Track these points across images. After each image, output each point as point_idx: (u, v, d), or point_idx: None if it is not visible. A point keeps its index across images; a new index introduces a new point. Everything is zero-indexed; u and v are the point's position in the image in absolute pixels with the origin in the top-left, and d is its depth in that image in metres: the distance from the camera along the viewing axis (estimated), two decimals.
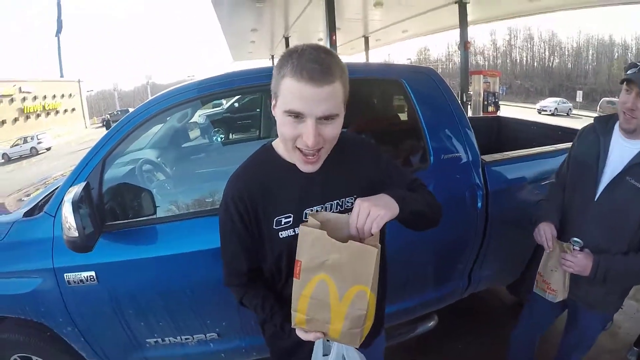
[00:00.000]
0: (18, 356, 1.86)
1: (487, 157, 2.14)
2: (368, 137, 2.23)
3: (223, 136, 4.52)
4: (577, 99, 32.06)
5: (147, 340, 1.83)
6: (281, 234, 1.01)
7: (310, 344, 1.04)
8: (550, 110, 28.48)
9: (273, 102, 0.93)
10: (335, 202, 1.03)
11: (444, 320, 2.35)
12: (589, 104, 32.88)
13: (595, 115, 1.79)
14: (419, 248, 1.97)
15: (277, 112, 0.91)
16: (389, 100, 2.43)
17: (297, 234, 0.90)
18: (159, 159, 2.59)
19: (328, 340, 1.04)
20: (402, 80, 2.00)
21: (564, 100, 30.84)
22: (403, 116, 2.28)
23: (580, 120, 22.42)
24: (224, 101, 6.46)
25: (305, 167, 0.96)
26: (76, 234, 1.45)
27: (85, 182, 1.58)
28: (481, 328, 2.73)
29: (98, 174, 1.71)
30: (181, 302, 1.74)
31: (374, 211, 0.87)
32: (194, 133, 3.29)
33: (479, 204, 2.00)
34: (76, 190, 1.50)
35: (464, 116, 2.07)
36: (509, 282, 2.59)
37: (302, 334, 0.95)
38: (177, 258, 1.68)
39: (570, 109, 29.05)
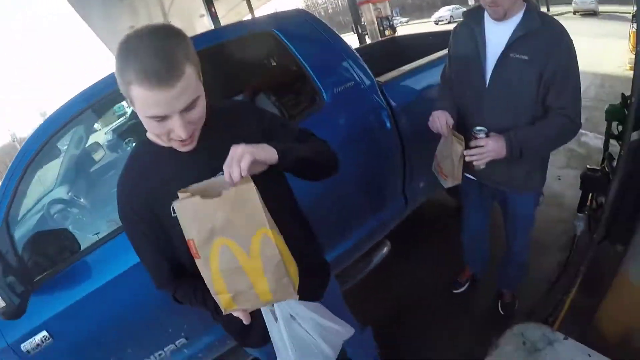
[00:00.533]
0: None
1: (382, 78, 2.17)
2: (261, 97, 2.22)
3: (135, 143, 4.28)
4: (470, 2, 33.00)
5: None
6: None
7: (260, 317, 1.03)
8: (446, 19, 29.27)
9: (129, 101, 0.84)
10: None
11: (397, 244, 2.41)
12: None
13: None
14: (345, 183, 1.99)
15: (139, 114, 0.85)
16: (268, 53, 2.38)
17: None
18: (69, 194, 2.44)
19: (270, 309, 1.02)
20: (273, 30, 1.96)
21: (458, 6, 31.55)
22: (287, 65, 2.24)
23: None
24: (127, 109, 6.10)
25: (184, 149, 0.94)
26: (2, 304, 1.38)
27: None
28: (435, 238, 2.85)
29: (6, 236, 1.58)
30: (137, 323, 1.68)
31: (242, 150, 0.86)
32: (99, 154, 3.09)
33: (387, 124, 2.04)
34: None
35: (346, 46, 2.07)
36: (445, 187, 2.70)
37: (236, 313, 0.94)
38: (114, 282, 1.62)
39: None
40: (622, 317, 1.61)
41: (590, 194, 2.17)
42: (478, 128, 1.50)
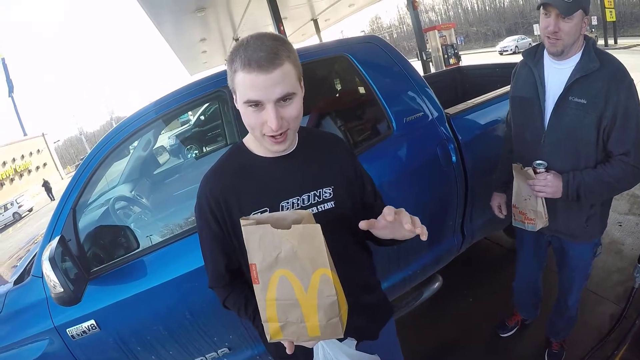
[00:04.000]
0: None
1: (451, 110, 2.12)
2: (327, 120, 2.23)
3: (197, 151, 4.49)
4: (535, 33, 32.17)
5: None
6: None
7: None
8: (511, 49, 28.61)
9: (234, 97, 0.94)
10: (312, 192, 1.03)
11: (449, 279, 2.36)
12: None
13: None
14: None
15: (239, 105, 0.92)
16: (339, 78, 2.40)
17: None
18: (132, 193, 2.55)
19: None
20: (346, 55, 1.97)
21: (523, 36, 30.87)
22: (358, 90, 2.24)
23: None
24: (191, 117, 6.41)
25: (276, 147, 0.96)
26: (61, 289, 1.44)
27: (59, 236, 1.56)
28: (487, 277, 2.75)
29: (71, 225, 1.68)
30: (184, 327, 1.72)
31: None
32: (163, 157, 3.25)
33: (454, 158, 1.98)
34: (52, 246, 1.48)
35: (417, 75, 2.05)
36: (504, 226, 2.59)
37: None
38: (169, 285, 1.66)
39: (530, 43, 29.13)
40: None
41: None
42: (538, 162, 1.48)
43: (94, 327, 1.64)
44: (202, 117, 5.54)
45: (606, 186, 1.42)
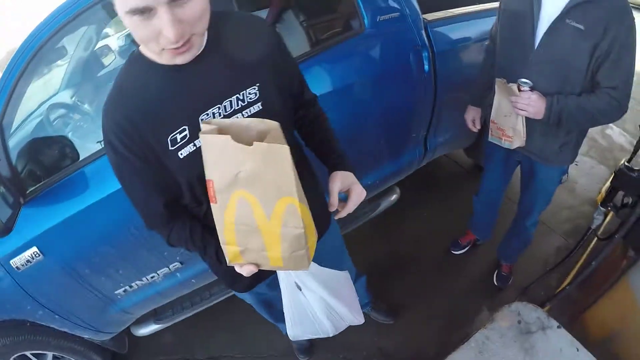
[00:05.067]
0: (15, 357, 1.79)
1: (429, 16, 1.93)
2: (289, 14, 1.98)
3: None
4: None
5: (116, 292, 1.74)
6: (181, 154, 0.83)
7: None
8: None
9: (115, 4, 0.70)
10: (234, 97, 0.85)
11: (406, 192, 2.38)
12: None
13: None
14: (368, 121, 1.85)
15: (121, 15, 0.69)
16: None
17: (200, 147, 0.74)
18: (73, 99, 2.27)
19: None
20: None
21: None
22: None
23: None
24: None
25: (179, 59, 0.77)
26: None
27: None
28: (443, 194, 2.81)
29: None
30: (131, 243, 1.61)
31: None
32: (108, 58, 2.89)
33: (426, 67, 1.84)
34: None
35: None
36: (465, 146, 2.57)
37: (238, 269, 0.84)
38: (112, 197, 1.49)
39: None
40: (611, 321, 1.68)
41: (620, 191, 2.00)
42: (523, 80, 1.41)
43: (37, 255, 1.50)
44: None
45: (588, 116, 1.40)
